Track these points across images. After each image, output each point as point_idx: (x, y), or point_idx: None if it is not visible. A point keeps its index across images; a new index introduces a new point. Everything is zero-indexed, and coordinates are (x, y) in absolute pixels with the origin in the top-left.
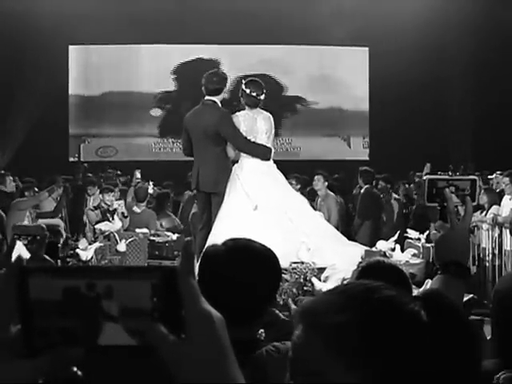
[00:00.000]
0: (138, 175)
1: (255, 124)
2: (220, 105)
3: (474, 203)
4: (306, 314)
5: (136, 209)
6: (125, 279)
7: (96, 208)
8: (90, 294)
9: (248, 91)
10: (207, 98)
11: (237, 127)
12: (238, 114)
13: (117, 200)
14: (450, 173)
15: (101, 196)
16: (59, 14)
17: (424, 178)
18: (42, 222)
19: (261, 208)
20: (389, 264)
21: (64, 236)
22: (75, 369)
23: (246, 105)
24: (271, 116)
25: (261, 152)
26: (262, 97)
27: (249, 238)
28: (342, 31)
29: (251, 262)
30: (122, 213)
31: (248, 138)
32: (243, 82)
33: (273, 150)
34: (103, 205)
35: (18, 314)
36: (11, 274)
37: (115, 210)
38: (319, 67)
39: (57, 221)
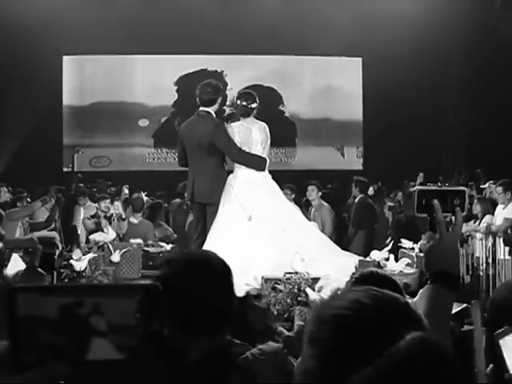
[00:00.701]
0: (126, 191)
1: (250, 135)
2: (214, 115)
3: (463, 213)
4: (317, 304)
5: (133, 219)
6: (112, 296)
7: (93, 217)
8: (79, 311)
9: (239, 102)
10: (201, 108)
11: (231, 138)
12: (232, 124)
13: (112, 204)
14: (440, 184)
15: (97, 205)
16: (53, 25)
17: (413, 188)
18: (37, 234)
19: (255, 218)
20: (383, 275)
21: (60, 247)
22: (62, 383)
23: (239, 115)
24: (266, 126)
25: (255, 162)
26: (254, 105)
27: (207, 251)
28: (335, 42)
29: (204, 276)
30: (120, 215)
31: (243, 148)
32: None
33: (268, 161)
34: (100, 213)
35: (7, 330)
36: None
37: (112, 215)
38: (313, 78)
39: (52, 233)
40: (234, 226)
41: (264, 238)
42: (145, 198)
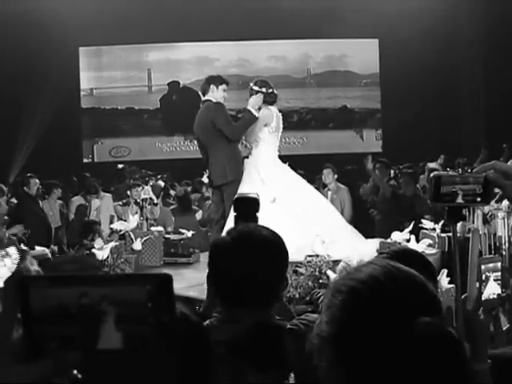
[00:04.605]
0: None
1: (280, 122)
2: (215, 100)
3: (488, 205)
4: (341, 273)
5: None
6: (123, 286)
7: (124, 204)
8: (90, 301)
9: (264, 90)
10: (203, 98)
11: (229, 117)
12: (270, 107)
13: (142, 190)
14: (459, 167)
15: (128, 192)
16: (68, 17)
17: (431, 174)
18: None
19: (278, 201)
20: (416, 252)
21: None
22: (75, 371)
23: (268, 103)
24: None
25: (249, 125)
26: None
27: (256, 225)
28: (352, 24)
29: (253, 249)
30: (151, 199)
31: (275, 133)
32: (252, 83)
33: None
34: (131, 200)
35: (20, 320)
36: (12, 284)
37: (143, 200)
38: (330, 60)
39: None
40: None
41: (286, 221)
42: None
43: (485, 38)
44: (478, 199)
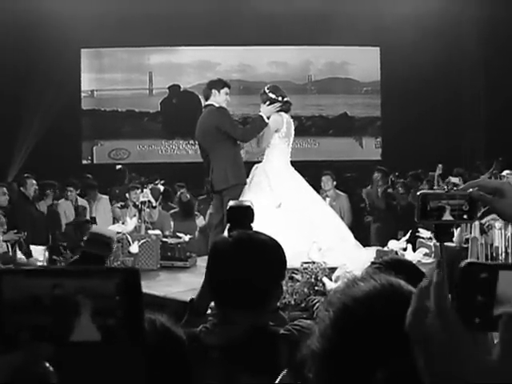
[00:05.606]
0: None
1: (291, 128)
2: (217, 105)
3: (474, 221)
4: (339, 286)
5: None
6: (91, 279)
7: (123, 207)
8: (61, 292)
9: (280, 98)
10: (205, 103)
11: (233, 120)
12: (282, 113)
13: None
14: (446, 187)
15: (127, 195)
16: (70, 18)
17: (418, 193)
18: (96, 227)
19: (283, 206)
20: (410, 262)
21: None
22: (47, 364)
23: (282, 111)
24: None
25: (259, 128)
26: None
27: (256, 231)
28: (353, 31)
29: (252, 253)
30: (150, 202)
31: (285, 139)
32: (266, 90)
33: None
34: (130, 203)
35: None
36: None
37: (142, 203)
38: (331, 67)
39: (110, 232)
40: (260, 212)
41: (287, 226)
42: (161, 187)
43: (486, 45)
44: (465, 216)
